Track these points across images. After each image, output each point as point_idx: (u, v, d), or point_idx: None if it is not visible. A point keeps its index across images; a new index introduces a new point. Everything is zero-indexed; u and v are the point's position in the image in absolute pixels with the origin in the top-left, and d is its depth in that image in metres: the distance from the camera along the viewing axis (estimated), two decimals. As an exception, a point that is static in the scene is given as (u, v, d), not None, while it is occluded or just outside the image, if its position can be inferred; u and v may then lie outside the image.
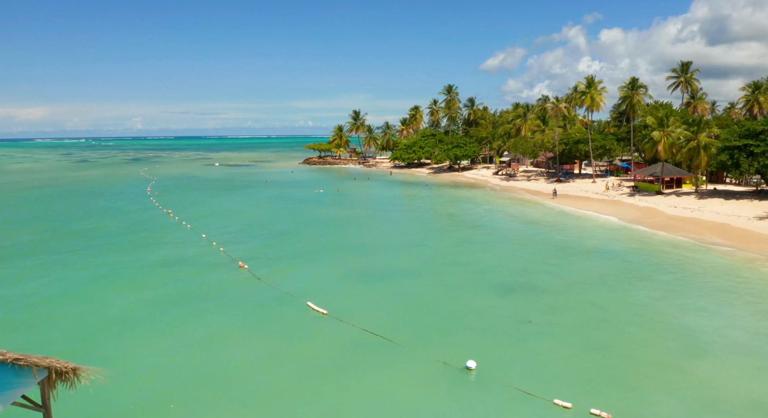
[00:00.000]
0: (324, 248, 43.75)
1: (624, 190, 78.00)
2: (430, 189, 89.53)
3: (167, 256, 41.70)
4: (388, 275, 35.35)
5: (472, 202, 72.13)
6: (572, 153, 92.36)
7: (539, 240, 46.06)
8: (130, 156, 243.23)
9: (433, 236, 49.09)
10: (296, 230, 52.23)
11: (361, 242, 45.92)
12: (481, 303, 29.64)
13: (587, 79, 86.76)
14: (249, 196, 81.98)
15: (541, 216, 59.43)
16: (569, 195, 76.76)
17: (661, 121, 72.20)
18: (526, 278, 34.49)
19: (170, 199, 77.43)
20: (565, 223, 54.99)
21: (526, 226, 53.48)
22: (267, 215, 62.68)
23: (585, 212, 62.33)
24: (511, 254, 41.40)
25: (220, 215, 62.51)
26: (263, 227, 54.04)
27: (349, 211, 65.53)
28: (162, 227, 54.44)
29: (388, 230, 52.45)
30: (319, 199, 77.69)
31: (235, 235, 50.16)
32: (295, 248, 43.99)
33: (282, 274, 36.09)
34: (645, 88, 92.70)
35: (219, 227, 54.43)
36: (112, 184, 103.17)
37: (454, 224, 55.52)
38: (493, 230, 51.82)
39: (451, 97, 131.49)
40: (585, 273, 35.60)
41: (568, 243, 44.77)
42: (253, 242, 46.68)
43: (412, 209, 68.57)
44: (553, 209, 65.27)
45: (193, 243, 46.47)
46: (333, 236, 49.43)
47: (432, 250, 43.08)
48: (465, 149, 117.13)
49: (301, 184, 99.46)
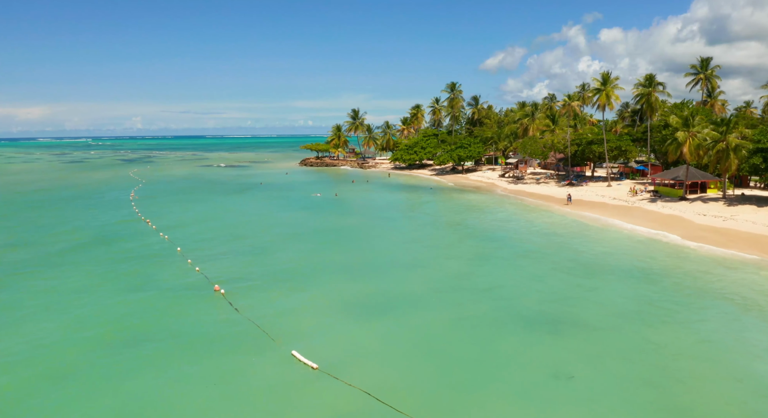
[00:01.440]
0: (316, 268, 37.86)
1: (643, 195, 72.18)
2: (433, 193, 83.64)
3: (132, 277, 35.82)
4: (390, 305, 29.47)
5: (481, 209, 66.28)
6: (585, 154, 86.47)
7: (564, 256, 40.18)
8: (124, 156, 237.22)
9: (442, 251, 43.21)
10: (286, 244, 46.36)
11: (358, 260, 40.03)
12: (507, 346, 23.80)
13: (602, 76, 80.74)
14: (239, 201, 76.08)
15: (560, 226, 53.57)
16: (584, 201, 70.85)
17: (686, 120, 66.28)
18: (557, 307, 28.66)
19: (153, 204, 71.55)
20: (588, 234, 49.14)
21: (546, 238, 47.61)
22: (255, 223, 56.79)
23: (607, 219, 56.43)
24: (534, 273, 35.52)
25: (204, 223, 56.64)
26: (249, 239, 48.17)
27: (347, 219, 59.63)
28: (135, 238, 48.57)
29: (390, 244, 46.57)
30: (314, 205, 71.82)
31: (216, 248, 44.32)
32: (283, 268, 38.10)
33: (264, 303, 30.23)
34: (663, 85, 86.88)
35: (199, 238, 48.58)
36: (96, 187, 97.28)
37: (463, 236, 49.63)
38: (509, 242, 45.94)
39: (454, 95, 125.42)
40: (627, 300, 29.78)
41: (598, 259, 38.92)
42: (235, 259, 40.82)
43: (415, 217, 62.69)
44: (571, 216, 59.40)
45: (166, 259, 40.61)
46: (327, 251, 43.53)
47: (441, 269, 37.19)
48: (469, 150, 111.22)
49: (296, 188, 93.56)
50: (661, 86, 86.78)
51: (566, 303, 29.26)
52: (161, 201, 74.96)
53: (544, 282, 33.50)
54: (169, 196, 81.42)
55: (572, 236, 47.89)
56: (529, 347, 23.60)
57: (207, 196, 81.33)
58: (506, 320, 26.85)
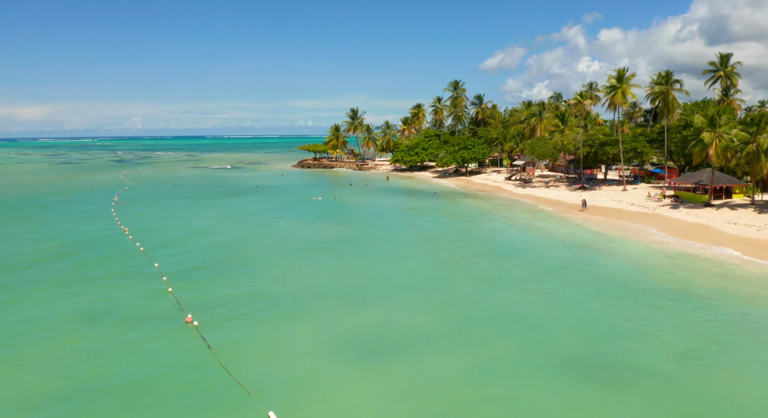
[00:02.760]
0: (306, 290, 32.63)
1: (663, 200, 67.11)
2: (437, 198, 78.46)
3: (93, 301, 30.61)
4: (394, 345, 24.24)
5: (490, 217, 61.11)
6: (598, 156, 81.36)
7: (594, 275, 35.00)
8: (119, 157, 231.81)
9: (452, 270, 37.99)
10: (275, 258, 41.16)
11: (355, 281, 34.76)
12: (545, 405, 18.66)
13: (618, 73, 75.50)
14: (228, 206, 70.84)
15: (580, 236, 48.41)
16: (600, 207, 65.65)
17: (712, 120, 61.19)
18: (601, 345, 23.52)
19: (136, 209, 66.33)
20: (614, 246, 43.96)
21: (568, 251, 42.43)
22: (243, 232, 51.59)
23: (630, 228, 51.25)
24: (564, 298, 30.33)
25: (188, 232, 51.44)
26: (235, 252, 42.97)
27: (343, 229, 54.41)
28: (108, 251, 43.37)
29: (392, 260, 41.35)
30: (308, 211, 66.66)
31: (196, 263, 39.14)
32: (269, 290, 32.86)
33: (244, 339, 25.05)
34: (680, 83, 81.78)
35: (180, 250, 43.41)
36: (80, 190, 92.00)
37: (475, 250, 44.41)
38: (528, 257, 40.73)
39: (457, 94, 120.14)
40: (684, 334, 24.64)
41: (634, 279, 33.74)
42: (216, 276, 35.62)
43: (419, 225, 57.46)
44: (589, 225, 54.23)
45: (138, 278, 35.42)
46: (320, 269, 38.30)
47: (453, 294, 31.97)
48: (473, 151, 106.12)
49: (290, 192, 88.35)
50: (678, 84, 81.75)
51: (611, 340, 24.11)
52: (145, 206, 69.74)
53: (579, 310, 28.33)
54: (154, 200, 76.19)
55: (597, 249, 42.72)
56: (574, 406, 18.45)
57: (195, 200, 76.10)
58: (541, 365, 21.68)
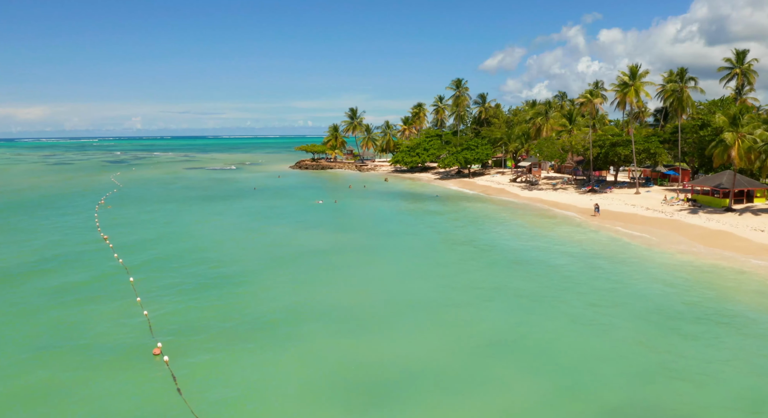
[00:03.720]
0: (297, 314, 28.78)
1: (680, 204, 63.33)
2: (440, 202, 74.64)
3: (56, 324, 26.81)
4: (392, 386, 20.42)
5: (498, 222, 57.30)
6: (609, 157, 77.56)
7: (625, 293, 31.15)
8: (114, 158, 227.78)
9: (458, 285, 34.17)
10: (265, 272, 37.30)
11: (353, 302, 30.89)
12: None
13: (630, 69, 71.64)
14: (220, 210, 67.00)
15: (598, 245, 44.61)
16: (613, 212, 61.82)
17: (734, 119, 57.45)
18: (655, 388, 19.74)
19: (121, 215, 62.49)
20: (639, 257, 40.14)
21: (588, 263, 38.59)
22: (232, 241, 47.75)
23: (650, 236, 47.45)
24: (597, 324, 26.47)
25: (173, 240, 47.64)
26: (222, 264, 39.14)
27: (340, 237, 50.56)
28: (82, 262, 39.56)
29: (392, 274, 37.51)
30: (303, 217, 62.88)
31: (178, 278, 35.34)
32: (256, 312, 29.03)
33: (221, 378, 21.24)
34: (695, 80, 78.02)
35: (162, 262, 39.61)
36: (66, 192, 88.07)
37: (485, 261, 40.55)
38: (544, 271, 36.86)
39: (460, 93, 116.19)
40: (756, 372, 20.86)
41: (672, 298, 29.93)
42: (198, 294, 31.81)
43: (421, 232, 53.60)
44: (606, 232, 50.42)
45: (110, 296, 31.62)
46: (314, 286, 34.46)
47: (462, 317, 28.08)
48: (477, 152, 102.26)
49: (286, 194, 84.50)
50: (692, 81, 77.99)
51: (659, 380, 20.32)
52: (131, 210, 65.89)
53: (614, 340, 24.49)
54: (142, 204, 72.33)
55: (621, 261, 38.90)
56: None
57: (185, 204, 72.24)
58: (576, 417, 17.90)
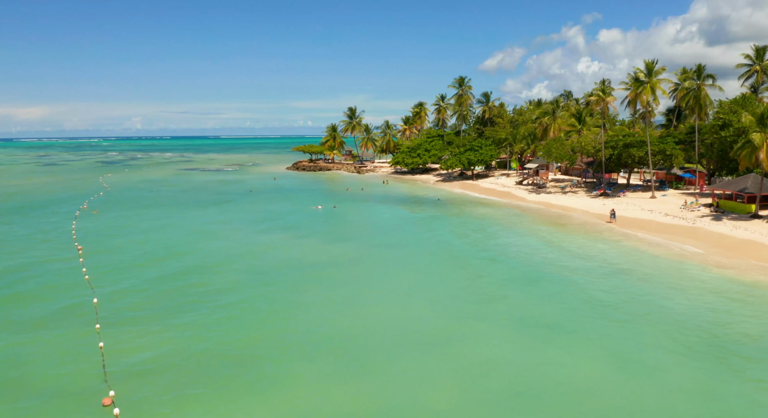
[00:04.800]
0: (280, 348, 24.32)
1: (700, 209, 58.96)
2: (443, 207, 70.24)
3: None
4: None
5: (506, 230, 52.87)
6: (622, 159, 73.18)
7: (666, 319, 26.69)
8: (108, 158, 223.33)
9: (470, 313, 29.71)
10: (248, 292, 32.87)
11: (345, 330, 26.47)
12: None
13: (646, 65, 67.13)
14: (208, 217, 62.61)
15: (622, 257, 40.19)
16: (629, 218, 57.43)
17: (762, 118, 53.07)
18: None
19: (102, 221, 58.14)
20: (672, 273, 35.72)
21: (618, 280, 34.16)
22: (217, 253, 43.31)
23: (674, 245, 43.07)
24: (641, 362, 22.00)
25: (152, 252, 43.27)
26: (200, 284, 34.76)
27: (335, 248, 46.10)
28: (45, 279, 35.20)
29: (394, 295, 33.11)
30: (297, 224, 58.55)
31: (147, 301, 30.99)
32: (231, 347, 24.58)
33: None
34: (713, 78, 73.64)
35: (134, 280, 35.24)
36: (52, 195, 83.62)
37: (496, 279, 36.10)
38: (569, 289, 32.41)
39: (463, 91, 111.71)
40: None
41: (722, 325, 25.53)
42: (166, 324, 27.42)
43: (425, 242, 49.18)
44: (628, 242, 46.03)
45: (66, 322, 27.28)
46: (301, 310, 30.05)
47: (478, 357, 23.59)
48: (480, 153, 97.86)
49: (281, 198, 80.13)
50: (711, 79, 73.63)
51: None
52: (114, 217, 61.50)
53: (667, 388, 20.06)
54: (127, 209, 67.94)
55: (652, 278, 34.46)
56: None
57: (172, 209, 67.86)
58: None
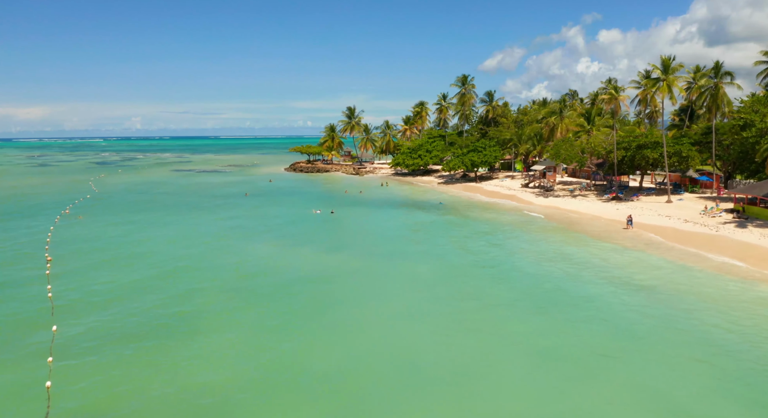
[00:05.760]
0: (261, 394, 20.24)
1: (722, 215, 55.01)
2: (445, 212, 66.19)
3: None
4: None
5: (516, 239, 48.87)
6: (635, 161, 69.23)
7: (721, 353, 22.69)
8: (103, 159, 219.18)
9: (482, 345, 25.70)
10: (227, 320, 28.81)
11: (338, 369, 22.43)
12: None
13: (663, 61, 63.11)
14: (196, 223, 58.59)
15: (649, 271, 36.16)
16: (646, 224, 53.42)
17: (792, 118, 49.34)
18: None
19: (81, 228, 54.14)
20: (709, 291, 31.66)
21: (649, 302, 30.09)
22: (199, 267, 39.32)
23: (702, 255, 39.07)
24: (696, 414, 18.14)
25: (127, 266, 39.24)
26: (174, 305, 30.77)
27: (328, 260, 42.07)
28: (1, 297, 31.21)
29: (392, 323, 29.05)
30: (290, 232, 54.61)
31: (110, 327, 27.00)
32: (201, 390, 20.56)
33: None
34: (731, 76, 69.73)
35: (100, 301, 31.24)
36: (35, 198, 79.59)
37: (509, 300, 31.99)
38: (595, 316, 28.43)
39: (466, 90, 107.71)
40: None
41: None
42: (127, 357, 23.42)
43: (426, 254, 45.05)
44: (652, 252, 42.01)
45: (15, 352, 23.31)
46: (287, 340, 26.07)
47: (495, 405, 19.70)
48: (484, 154, 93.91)
49: (275, 202, 76.17)
50: (729, 77, 69.72)
51: None
52: (95, 223, 57.47)
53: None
54: (111, 214, 63.88)
55: (690, 298, 30.44)
56: None
57: (160, 214, 63.85)
58: None
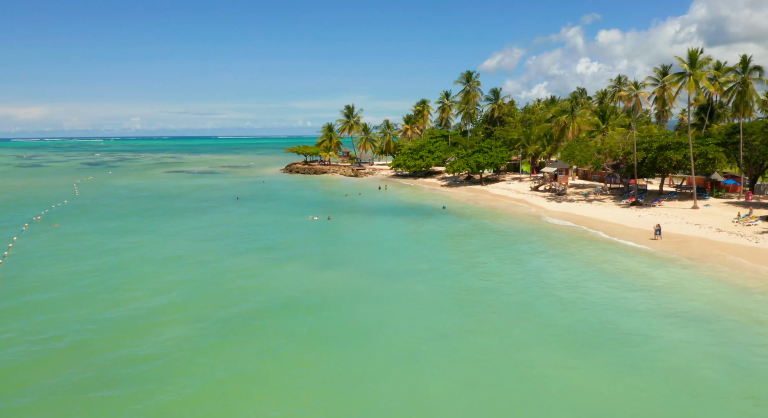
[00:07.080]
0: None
1: (757, 223, 49.87)
2: (450, 219, 60.77)
3: None
4: None
5: (534, 252, 43.58)
6: (657, 163, 64.08)
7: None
8: (94, 159, 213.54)
9: (506, 391, 20.49)
10: (193, 362, 23.54)
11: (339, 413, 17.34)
12: None
13: (690, 55, 57.74)
14: (179, 232, 53.27)
15: (703, 296, 30.89)
16: (674, 234, 48.10)
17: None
18: None
19: (48, 238, 48.80)
20: None
21: (709, 335, 24.86)
22: (172, 290, 33.91)
23: (760, 267, 33.91)
24: None
25: (91, 285, 33.89)
26: (138, 338, 25.49)
27: (320, 278, 36.74)
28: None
29: (394, 363, 23.73)
30: (279, 241, 49.32)
31: (58, 368, 21.73)
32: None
33: None
34: (761, 71, 64.55)
35: (52, 335, 25.97)
36: (11, 202, 74.25)
37: (534, 334, 26.72)
38: (641, 352, 23.19)
39: (470, 88, 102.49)
40: None
41: None
42: (74, 414, 18.20)
43: (431, 271, 39.70)
44: (695, 270, 36.78)
45: None
46: (266, 395, 20.84)
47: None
48: (490, 155, 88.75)
49: (272, 207, 70.92)
50: (757, 72, 64.56)
51: None
52: (66, 231, 52.12)
53: None
54: (87, 221, 58.48)
55: (752, 330, 25.25)
56: None
57: (140, 221, 58.46)
58: None
